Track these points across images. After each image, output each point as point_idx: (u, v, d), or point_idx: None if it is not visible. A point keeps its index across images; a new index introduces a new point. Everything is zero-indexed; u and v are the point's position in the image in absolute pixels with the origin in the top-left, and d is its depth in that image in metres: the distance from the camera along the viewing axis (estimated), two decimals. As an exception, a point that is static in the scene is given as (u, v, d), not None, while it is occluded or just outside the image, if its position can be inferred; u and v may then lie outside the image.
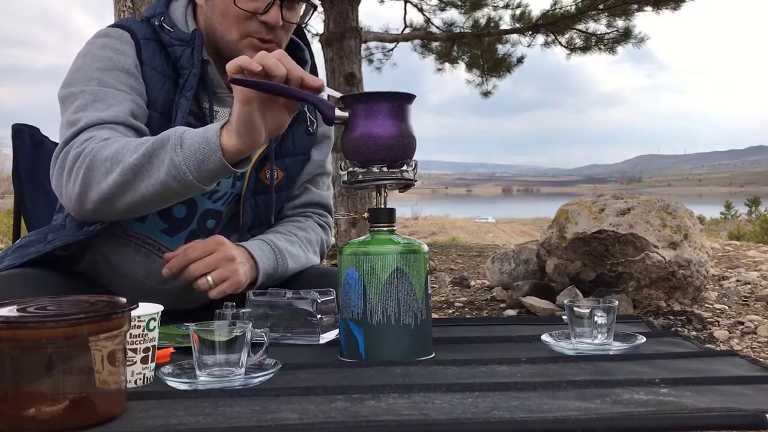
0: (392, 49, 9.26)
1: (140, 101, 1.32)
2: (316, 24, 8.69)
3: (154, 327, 0.90)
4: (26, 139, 1.67)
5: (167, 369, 0.90)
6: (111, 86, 1.30)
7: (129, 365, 0.87)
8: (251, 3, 1.31)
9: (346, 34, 6.72)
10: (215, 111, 1.39)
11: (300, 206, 1.57)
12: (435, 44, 9.16)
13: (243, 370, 0.89)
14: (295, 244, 1.46)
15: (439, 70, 9.58)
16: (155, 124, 1.32)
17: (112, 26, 1.41)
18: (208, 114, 1.38)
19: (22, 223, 1.69)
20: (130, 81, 1.32)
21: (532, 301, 3.99)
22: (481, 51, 9.07)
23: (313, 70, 1.52)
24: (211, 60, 1.38)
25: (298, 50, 1.48)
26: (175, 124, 1.30)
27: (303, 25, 1.45)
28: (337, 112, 1.06)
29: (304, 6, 1.39)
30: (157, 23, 1.38)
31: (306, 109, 1.51)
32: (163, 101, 1.34)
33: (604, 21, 8.38)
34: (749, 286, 4.67)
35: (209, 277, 1.26)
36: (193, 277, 1.26)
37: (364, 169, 1.05)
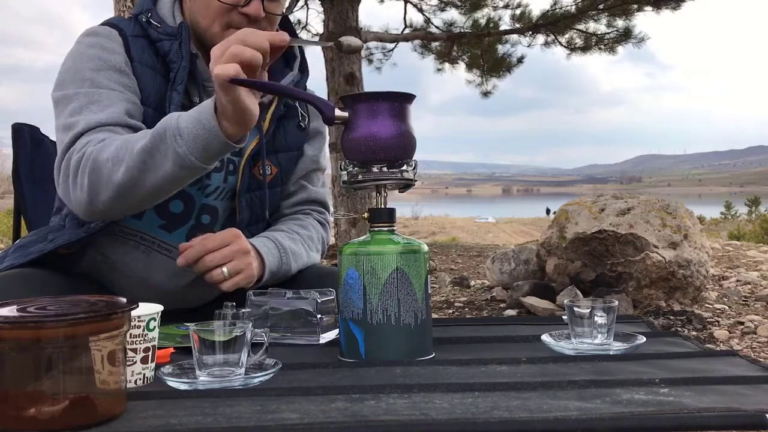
0: (392, 49, 9.27)
1: (134, 99, 1.32)
2: (316, 24, 8.69)
3: (154, 327, 0.90)
4: (26, 138, 1.67)
5: (167, 369, 0.90)
6: (105, 87, 1.30)
7: (129, 365, 0.87)
8: None
9: (346, 34, 6.72)
10: None
11: (298, 204, 1.57)
12: (435, 44, 9.16)
13: (243, 370, 0.89)
14: (298, 242, 1.46)
15: (439, 70, 9.58)
16: (149, 120, 1.31)
17: (100, 25, 1.41)
18: None
19: (22, 223, 1.69)
20: (123, 79, 1.33)
21: (532, 301, 3.99)
22: (481, 51, 9.07)
23: (303, 64, 1.51)
24: (199, 53, 1.38)
25: None
26: None
27: (294, 21, 1.44)
28: (337, 112, 1.06)
29: None
30: (144, 19, 1.39)
31: (298, 105, 1.51)
32: (155, 96, 1.34)
33: (604, 21, 8.37)
34: (749, 286, 4.67)
35: (224, 269, 1.26)
36: (209, 268, 1.26)
37: (364, 169, 1.05)
